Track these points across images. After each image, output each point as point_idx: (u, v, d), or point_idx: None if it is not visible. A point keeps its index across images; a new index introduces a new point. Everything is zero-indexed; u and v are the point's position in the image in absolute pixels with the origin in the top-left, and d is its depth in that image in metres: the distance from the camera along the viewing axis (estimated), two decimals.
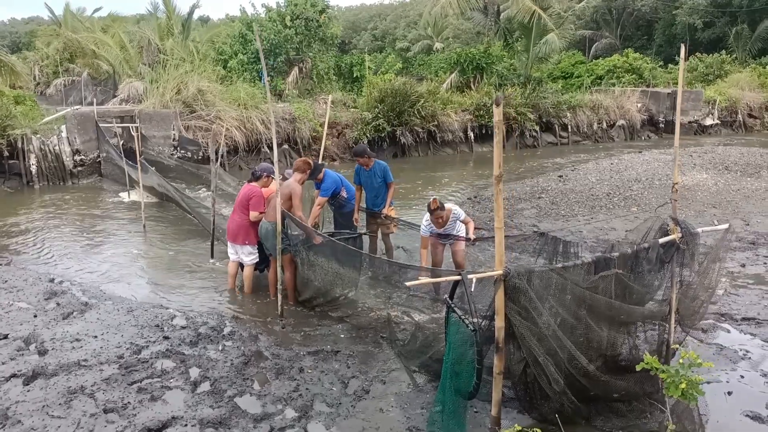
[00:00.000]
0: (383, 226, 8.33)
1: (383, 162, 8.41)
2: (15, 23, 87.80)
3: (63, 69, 35.40)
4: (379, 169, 8.22)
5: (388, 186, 8.27)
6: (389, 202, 8.28)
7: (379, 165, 8.27)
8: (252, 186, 7.54)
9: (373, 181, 8.24)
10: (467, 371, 4.27)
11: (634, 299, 5.05)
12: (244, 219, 7.45)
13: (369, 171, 8.23)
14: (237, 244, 7.56)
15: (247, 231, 7.47)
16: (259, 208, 7.35)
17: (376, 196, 8.30)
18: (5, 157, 15.15)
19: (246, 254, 7.58)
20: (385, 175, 8.22)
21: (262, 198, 7.41)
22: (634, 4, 44.27)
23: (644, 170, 14.73)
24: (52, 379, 5.41)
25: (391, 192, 8.30)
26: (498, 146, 3.95)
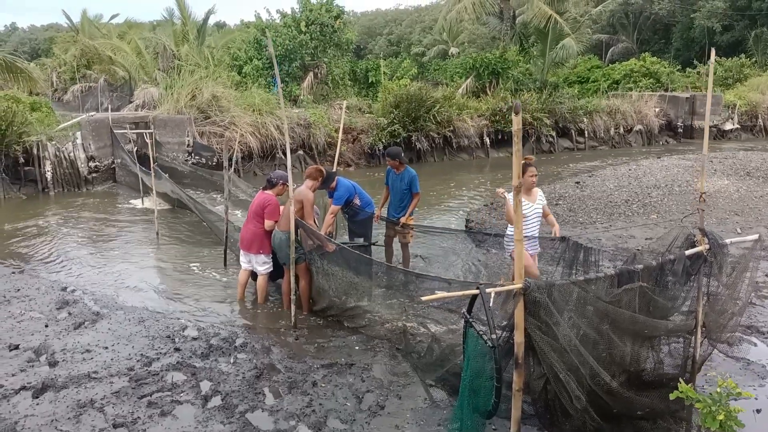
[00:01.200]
0: (400, 235, 8.21)
1: (414, 171, 8.27)
2: (35, 30, 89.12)
3: (80, 75, 35.75)
4: (408, 176, 8.14)
5: (412, 196, 8.15)
6: (410, 211, 8.15)
7: (409, 172, 8.17)
8: (267, 194, 7.39)
9: (399, 186, 8.16)
10: (486, 388, 4.11)
11: (658, 313, 4.86)
12: (258, 227, 7.30)
13: (398, 175, 8.16)
14: (251, 253, 7.43)
15: (261, 240, 7.33)
16: (274, 217, 7.20)
17: (401, 201, 8.21)
18: (21, 163, 15.21)
19: (260, 263, 7.45)
20: (411, 184, 8.12)
21: (277, 206, 7.27)
22: (651, 8, 43.84)
23: (663, 176, 14.47)
24: (62, 391, 5.33)
25: (415, 202, 8.21)
26: (517, 156, 3.80)
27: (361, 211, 8.27)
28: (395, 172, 8.17)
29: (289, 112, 19.38)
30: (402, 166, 8.15)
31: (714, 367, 5.60)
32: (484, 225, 11.20)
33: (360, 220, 8.30)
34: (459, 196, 15.55)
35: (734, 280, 5.23)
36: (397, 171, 8.15)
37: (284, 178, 7.33)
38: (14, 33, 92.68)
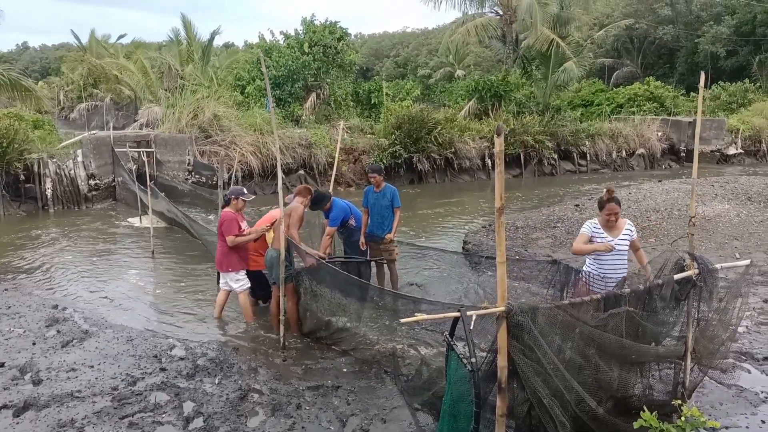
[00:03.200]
0: (386, 252, 8.15)
1: (393, 186, 8.31)
2: (45, 49, 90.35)
3: (87, 94, 36.10)
4: (389, 192, 8.15)
5: (394, 212, 8.13)
6: (395, 228, 8.13)
7: (389, 188, 8.20)
8: (224, 211, 7.45)
9: (381, 203, 8.13)
10: (467, 413, 4.03)
11: (647, 338, 4.78)
12: (223, 246, 7.35)
13: (378, 193, 8.15)
14: (222, 271, 7.47)
15: (228, 257, 7.36)
16: (230, 232, 7.21)
17: (383, 219, 8.16)
18: (22, 180, 15.30)
19: (233, 281, 7.45)
20: (393, 199, 8.12)
21: (231, 221, 7.26)
22: (655, 33, 44.07)
23: (663, 200, 14.39)
24: (44, 411, 5.26)
25: (397, 218, 8.19)
26: (500, 177, 3.77)
27: (357, 232, 8.24)
28: (375, 190, 8.17)
29: (290, 132, 19.47)
30: (383, 183, 8.19)
31: (706, 394, 5.49)
32: (482, 247, 11.13)
33: (355, 241, 8.26)
34: (459, 218, 15.50)
35: (726, 306, 5.15)
36: (377, 188, 8.15)
37: (236, 192, 7.46)
38: (25, 52, 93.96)
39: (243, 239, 7.29)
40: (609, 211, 5.64)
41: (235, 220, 7.29)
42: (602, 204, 5.70)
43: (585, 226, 5.84)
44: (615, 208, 5.64)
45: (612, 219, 5.67)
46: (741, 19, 40.43)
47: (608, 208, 5.64)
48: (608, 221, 5.69)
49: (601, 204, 5.73)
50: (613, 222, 5.69)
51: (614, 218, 5.67)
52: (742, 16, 40.44)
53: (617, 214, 5.66)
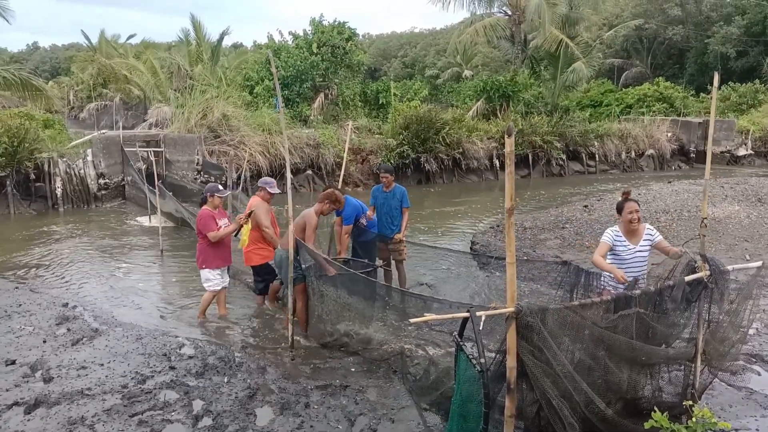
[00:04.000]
0: (395, 252, 8.16)
1: (403, 187, 8.31)
2: (56, 49, 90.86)
3: (96, 94, 36.28)
4: (399, 192, 8.18)
5: (403, 212, 8.13)
6: (404, 228, 8.13)
7: (399, 188, 8.23)
8: (202, 209, 7.56)
9: (390, 203, 8.15)
10: (475, 413, 4.02)
11: (657, 339, 4.76)
12: (200, 243, 7.51)
13: (388, 193, 8.17)
14: (199, 267, 7.61)
15: (204, 254, 7.48)
16: (206, 229, 7.33)
17: (392, 219, 8.18)
18: (32, 180, 15.41)
19: (203, 279, 7.58)
20: (402, 200, 8.13)
21: (205, 218, 7.37)
22: (665, 33, 43.87)
23: (673, 201, 14.33)
24: (54, 408, 5.29)
25: (406, 218, 8.22)
26: (509, 178, 3.76)
27: (366, 232, 8.26)
28: (384, 190, 8.19)
29: (299, 132, 19.51)
30: (393, 183, 8.20)
31: (716, 396, 5.47)
32: (490, 247, 11.11)
33: (365, 241, 8.28)
34: (467, 218, 15.48)
35: (737, 308, 5.12)
36: (387, 188, 8.17)
37: (211, 190, 7.58)
38: (36, 52, 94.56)
39: (223, 233, 7.40)
40: (630, 210, 5.56)
41: (211, 217, 7.40)
42: (621, 206, 5.64)
43: (606, 235, 5.75)
44: (634, 206, 5.58)
45: (634, 218, 5.57)
46: (751, 19, 40.19)
47: (628, 207, 5.58)
48: (631, 223, 5.60)
49: (619, 207, 5.68)
50: (636, 223, 5.59)
51: (636, 216, 5.57)
52: (753, 17, 40.19)
53: (638, 212, 5.59)
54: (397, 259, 8.23)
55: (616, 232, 5.73)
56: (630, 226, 5.64)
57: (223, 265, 7.62)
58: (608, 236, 5.73)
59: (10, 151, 14.79)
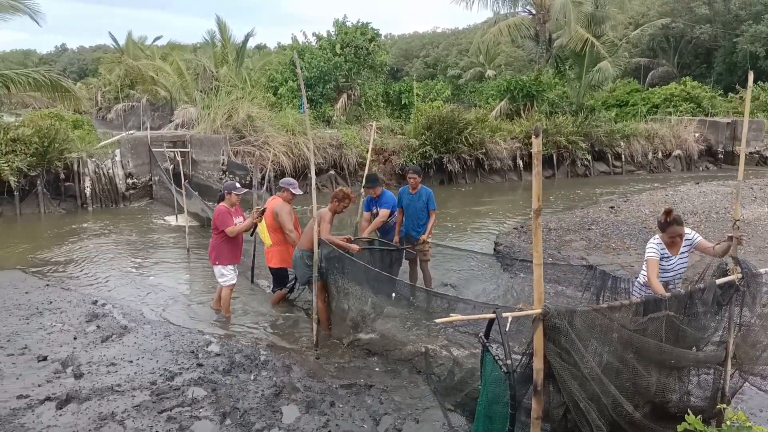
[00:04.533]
0: (420, 253, 8.17)
1: (429, 189, 8.31)
2: (83, 51, 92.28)
3: (123, 95, 36.82)
4: (425, 194, 8.17)
5: (429, 214, 8.13)
6: (429, 229, 8.13)
7: (425, 190, 8.22)
8: (218, 206, 7.74)
9: (416, 204, 8.15)
10: (501, 415, 4.02)
11: (687, 343, 4.70)
12: (214, 240, 7.66)
13: (414, 194, 8.17)
14: (212, 263, 7.78)
15: (218, 251, 7.63)
16: (226, 224, 7.48)
17: (418, 221, 8.18)
18: (62, 179, 15.70)
19: (218, 275, 7.72)
20: (428, 202, 8.13)
21: (221, 215, 7.53)
22: (692, 32, 43.17)
23: (701, 203, 14.13)
24: (85, 403, 5.40)
25: (432, 220, 8.21)
26: (537, 178, 3.74)
27: (392, 229, 8.31)
28: (410, 191, 8.19)
29: (321, 133, 19.60)
30: (419, 185, 8.20)
31: (746, 401, 5.39)
32: (513, 249, 11.06)
33: (390, 238, 8.32)
34: (490, 219, 15.42)
35: None
36: (413, 190, 8.17)
37: (228, 188, 7.74)
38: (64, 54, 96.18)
39: (240, 228, 7.55)
40: (672, 234, 5.46)
41: (227, 213, 7.56)
42: (663, 227, 5.51)
43: (652, 250, 5.56)
44: (678, 231, 5.43)
45: (677, 242, 5.49)
46: None
47: (670, 232, 5.45)
48: (673, 245, 5.52)
49: (662, 227, 5.54)
50: (678, 243, 5.52)
51: (679, 240, 5.48)
52: None
53: (682, 236, 5.47)
54: (422, 260, 8.24)
55: (660, 245, 5.57)
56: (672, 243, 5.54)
57: (234, 262, 7.77)
58: (654, 251, 5.55)
59: (40, 151, 15.09)
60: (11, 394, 5.55)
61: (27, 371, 6.08)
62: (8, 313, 7.80)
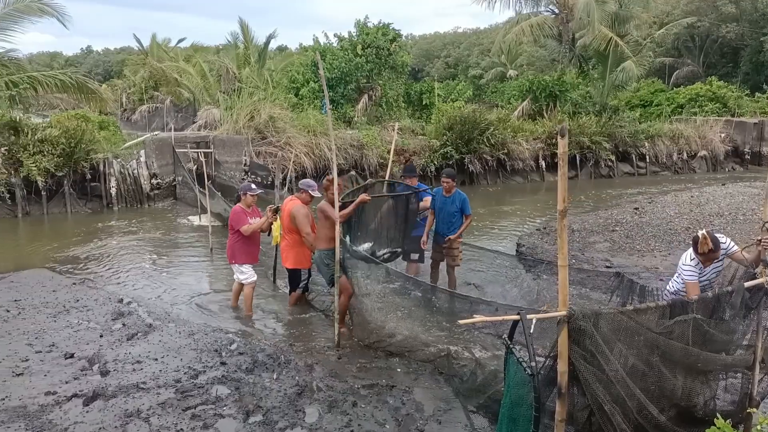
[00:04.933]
0: (449, 257, 8.13)
1: (464, 194, 8.23)
2: (108, 53, 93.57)
3: (148, 96, 37.26)
4: (459, 198, 8.09)
5: (465, 218, 8.11)
6: (460, 231, 8.09)
7: (459, 195, 8.13)
8: (234, 206, 7.92)
9: (449, 208, 8.10)
10: (525, 417, 3.99)
11: (714, 346, 4.63)
12: (230, 239, 7.83)
13: (447, 198, 8.11)
14: (229, 262, 7.95)
15: (234, 250, 7.79)
16: (241, 223, 7.64)
17: (450, 225, 8.13)
18: (88, 179, 15.95)
19: (238, 272, 7.84)
20: (463, 206, 8.07)
21: (240, 215, 7.70)
22: (718, 31, 42.49)
23: (727, 204, 13.91)
24: (111, 401, 5.47)
25: (466, 225, 8.13)
26: (563, 179, 3.71)
27: (418, 226, 8.29)
28: (444, 194, 8.11)
29: (342, 133, 19.65)
30: (453, 188, 8.13)
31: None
32: (536, 250, 10.99)
33: (417, 236, 8.32)
34: (512, 220, 15.34)
35: None
36: (447, 193, 8.10)
37: (244, 189, 7.92)
38: (89, 56, 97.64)
39: (255, 226, 7.69)
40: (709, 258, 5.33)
41: (242, 213, 7.70)
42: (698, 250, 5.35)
43: (690, 272, 5.43)
44: (716, 257, 5.33)
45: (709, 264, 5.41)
46: None
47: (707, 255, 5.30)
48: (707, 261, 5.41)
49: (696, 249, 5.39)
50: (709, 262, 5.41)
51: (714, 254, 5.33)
52: None
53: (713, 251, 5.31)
54: (450, 264, 8.19)
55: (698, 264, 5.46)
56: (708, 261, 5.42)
57: (250, 262, 7.87)
58: (693, 274, 5.44)
59: (67, 151, 15.34)
60: (39, 390, 5.65)
61: (54, 368, 6.18)
62: (36, 311, 7.95)
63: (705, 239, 5.22)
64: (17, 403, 5.41)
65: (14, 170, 14.90)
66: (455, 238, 8.04)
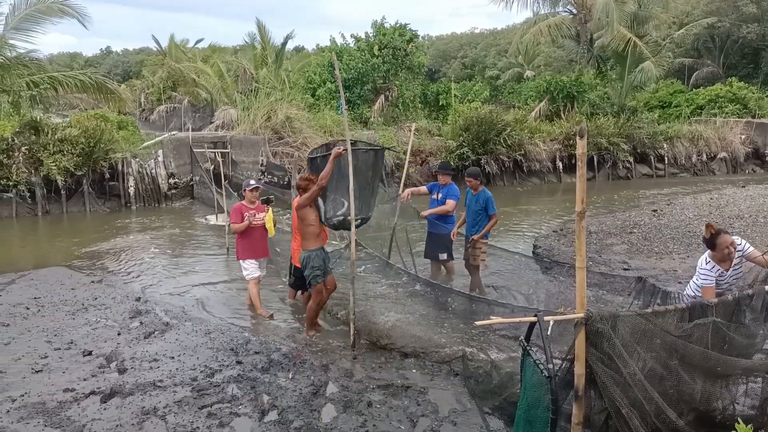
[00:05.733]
0: (472, 257, 8.13)
1: (489, 193, 8.20)
2: (127, 54, 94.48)
3: (166, 96, 37.54)
4: (483, 198, 8.08)
5: (490, 217, 8.09)
6: (485, 232, 8.08)
7: (484, 194, 8.12)
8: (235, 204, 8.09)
9: (474, 207, 8.12)
10: (542, 420, 3.96)
11: (734, 350, 4.57)
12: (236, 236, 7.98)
13: (474, 195, 8.14)
14: None
15: (237, 246, 8.02)
16: (232, 220, 7.87)
17: (475, 223, 8.15)
18: (106, 179, 16.12)
19: (242, 269, 8.01)
20: (487, 206, 8.05)
21: (235, 211, 7.85)
22: (739, 32, 41.93)
23: (747, 206, 13.71)
24: (128, 398, 5.52)
25: (491, 224, 8.11)
26: (581, 180, 3.69)
27: (441, 225, 8.36)
28: (472, 192, 8.15)
29: (359, 134, 19.65)
30: (480, 187, 8.14)
31: None
32: (552, 252, 10.91)
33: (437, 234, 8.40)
34: (528, 221, 15.26)
35: None
36: (474, 191, 8.13)
37: (244, 185, 8.12)
38: (108, 56, 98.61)
39: (239, 226, 7.77)
40: (722, 246, 5.26)
41: (238, 210, 7.82)
42: (713, 242, 5.31)
43: (707, 275, 5.37)
44: (727, 240, 5.24)
45: (732, 252, 5.27)
46: None
47: (721, 245, 5.26)
48: (729, 258, 5.31)
49: (710, 243, 5.35)
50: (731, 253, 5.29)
51: (732, 249, 5.26)
52: None
53: (734, 244, 5.26)
54: (473, 264, 8.18)
55: (714, 268, 5.38)
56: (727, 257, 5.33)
57: (252, 257, 7.95)
58: (710, 277, 5.37)
59: (86, 151, 15.52)
60: (58, 387, 5.72)
61: (73, 365, 6.25)
62: (55, 309, 8.05)
63: (707, 226, 5.28)
64: (36, 399, 5.48)
65: (34, 169, 15.11)
66: (478, 237, 8.02)
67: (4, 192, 14.94)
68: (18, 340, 6.94)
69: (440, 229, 8.40)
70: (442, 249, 8.42)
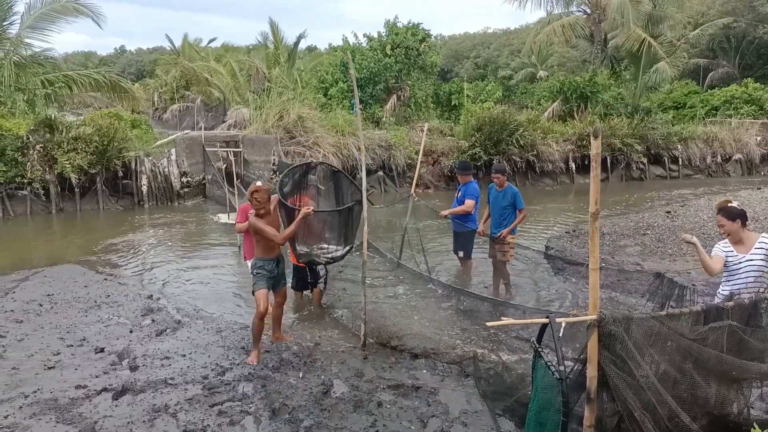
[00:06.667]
0: (500, 253, 8.11)
1: (515, 188, 8.24)
2: (141, 53, 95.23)
3: (179, 95, 37.75)
4: (510, 193, 8.10)
5: (518, 212, 8.11)
6: (513, 227, 8.08)
7: (511, 189, 8.15)
8: None
9: (500, 203, 8.12)
10: (553, 422, 3.93)
11: (750, 354, 4.51)
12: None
13: (499, 192, 8.14)
14: None
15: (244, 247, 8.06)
16: (237, 219, 7.88)
17: (502, 219, 8.15)
18: (119, 177, 16.23)
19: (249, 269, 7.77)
20: (515, 201, 8.08)
21: (240, 211, 7.87)
22: (755, 32, 41.51)
23: (763, 209, 13.57)
24: (140, 395, 5.53)
25: (519, 219, 8.12)
26: (595, 181, 3.65)
27: (464, 225, 8.36)
28: (497, 188, 8.15)
29: (371, 134, 19.67)
30: (505, 183, 8.15)
31: None
32: (564, 253, 10.84)
33: (461, 233, 8.39)
34: (540, 222, 15.17)
35: None
36: (499, 188, 8.13)
37: None
38: (122, 55, 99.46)
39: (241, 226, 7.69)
40: (735, 241, 5.26)
41: (243, 210, 7.76)
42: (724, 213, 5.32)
43: (717, 249, 5.39)
44: (719, 221, 5.28)
45: (720, 231, 5.33)
46: None
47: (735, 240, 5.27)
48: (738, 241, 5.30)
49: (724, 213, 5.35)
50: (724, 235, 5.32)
51: (722, 231, 5.31)
52: None
53: (723, 227, 5.28)
54: (501, 260, 8.16)
55: (728, 247, 5.35)
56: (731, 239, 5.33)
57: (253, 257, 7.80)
58: (719, 249, 5.37)
59: (100, 149, 15.63)
60: (70, 383, 5.75)
61: (85, 362, 6.28)
62: (68, 306, 8.10)
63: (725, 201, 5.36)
64: (48, 395, 5.51)
65: (49, 167, 15.24)
66: (506, 233, 8.00)
67: (18, 189, 15.08)
68: (31, 337, 6.99)
69: (460, 227, 8.42)
70: (459, 247, 8.51)
